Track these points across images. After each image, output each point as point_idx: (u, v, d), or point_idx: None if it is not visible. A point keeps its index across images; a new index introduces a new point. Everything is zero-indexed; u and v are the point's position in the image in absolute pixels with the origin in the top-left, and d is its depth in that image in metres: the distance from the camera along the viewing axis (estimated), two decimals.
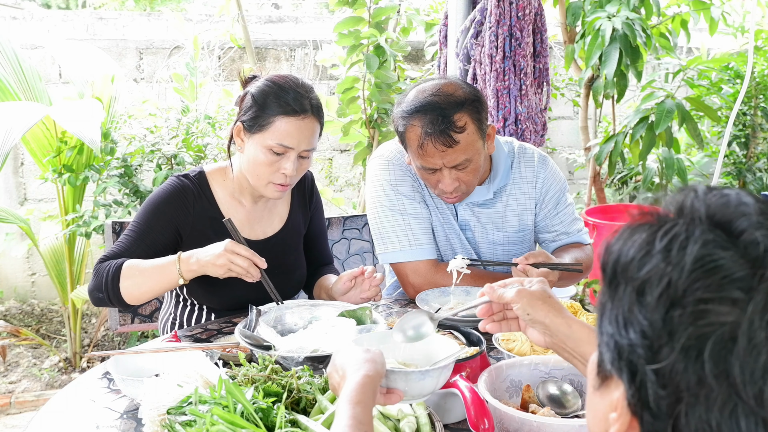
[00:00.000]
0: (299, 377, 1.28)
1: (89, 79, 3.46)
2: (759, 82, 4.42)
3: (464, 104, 1.82)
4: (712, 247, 0.61)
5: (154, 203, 1.87)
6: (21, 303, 4.14)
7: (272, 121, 1.75)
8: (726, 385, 0.58)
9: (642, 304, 0.62)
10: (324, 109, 1.87)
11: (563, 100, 4.69)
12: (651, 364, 0.61)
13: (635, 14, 3.15)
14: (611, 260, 0.67)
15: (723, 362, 0.58)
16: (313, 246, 2.10)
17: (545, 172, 2.09)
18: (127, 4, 6.10)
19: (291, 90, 1.77)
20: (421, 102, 1.84)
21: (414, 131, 1.84)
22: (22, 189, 4.08)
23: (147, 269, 1.73)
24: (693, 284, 0.60)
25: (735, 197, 0.64)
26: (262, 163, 1.78)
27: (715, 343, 0.58)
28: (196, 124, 3.43)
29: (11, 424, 3.13)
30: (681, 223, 0.64)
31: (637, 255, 0.64)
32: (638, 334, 0.62)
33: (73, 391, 1.47)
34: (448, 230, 2.08)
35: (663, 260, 0.62)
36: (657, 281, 0.61)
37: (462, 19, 3.05)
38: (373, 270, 1.83)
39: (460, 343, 1.46)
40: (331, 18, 4.15)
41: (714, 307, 0.59)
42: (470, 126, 1.83)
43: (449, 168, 1.85)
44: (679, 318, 0.59)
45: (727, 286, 0.59)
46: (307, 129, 1.78)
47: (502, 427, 1.20)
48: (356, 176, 4.32)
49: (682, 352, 0.59)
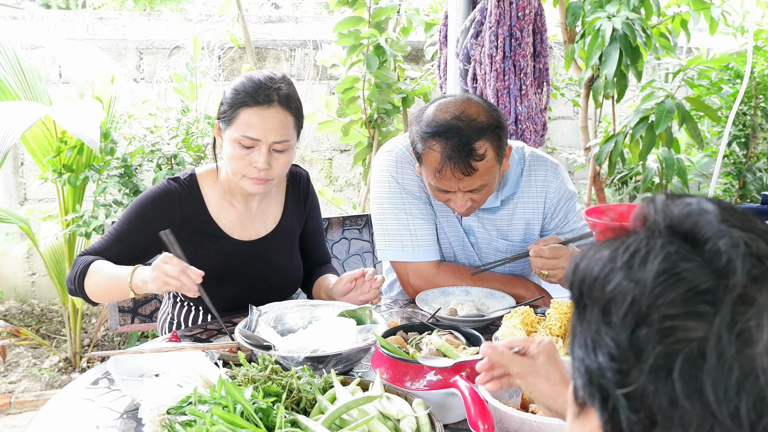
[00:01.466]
0: (299, 377, 1.28)
1: (89, 79, 3.46)
2: (759, 82, 4.42)
3: (486, 131, 1.77)
4: (674, 259, 0.57)
5: (139, 205, 1.87)
6: (21, 303, 4.14)
7: (238, 113, 1.75)
8: (699, 405, 0.54)
9: (608, 325, 0.58)
10: (324, 109, 1.87)
11: (563, 100, 4.69)
12: (621, 388, 0.57)
13: (635, 14, 3.15)
14: (577, 280, 0.63)
15: (694, 381, 0.54)
16: (309, 245, 2.09)
17: (557, 181, 2.05)
18: (127, 4, 6.10)
19: (258, 82, 1.76)
20: (442, 124, 1.78)
21: (433, 155, 1.79)
22: (22, 189, 4.08)
23: (105, 276, 1.75)
24: (657, 300, 0.56)
25: (696, 205, 0.61)
26: (234, 157, 1.78)
27: (684, 361, 0.54)
28: (196, 124, 3.43)
29: (11, 424, 3.12)
30: (642, 236, 0.60)
31: (601, 273, 0.60)
32: (606, 357, 0.58)
33: (73, 391, 1.47)
34: (451, 234, 2.06)
35: (625, 277, 0.58)
36: (621, 300, 0.58)
37: (462, 19, 3.05)
38: (373, 272, 1.82)
39: (460, 343, 1.46)
40: (331, 18, 4.15)
41: (680, 323, 0.55)
42: (490, 153, 1.78)
43: (464, 192, 1.83)
44: (646, 337, 0.56)
45: (692, 299, 0.55)
46: (272, 119, 1.75)
47: (502, 427, 1.20)
48: (356, 176, 4.32)
49: (651, 373, 0.55)
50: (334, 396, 1.25)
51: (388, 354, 1.35)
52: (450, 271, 2.01)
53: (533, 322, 1.60)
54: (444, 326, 1.53)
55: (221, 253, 1.88)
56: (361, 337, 1.51)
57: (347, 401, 1.19)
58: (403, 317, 1.90)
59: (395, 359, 1.34)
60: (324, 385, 1.29)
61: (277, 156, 1.79)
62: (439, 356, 1.39)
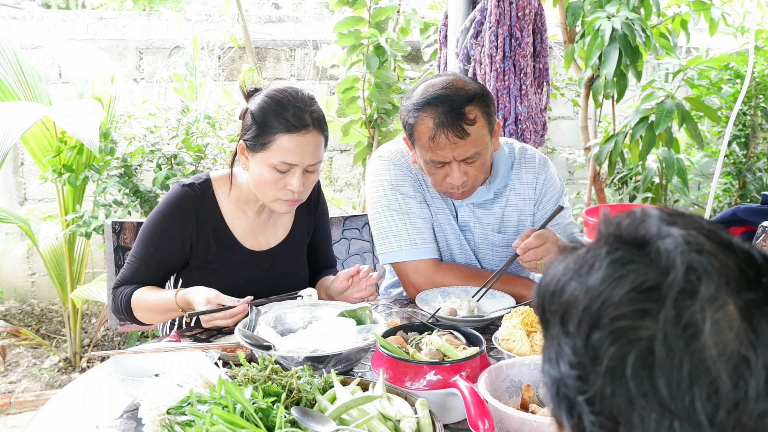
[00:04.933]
0: (299, 377, 1.28)
1: (89, 79, 3.46)
2: (759, 82, 4.42)
3: (474, 98, 1.84)
4: (620, 263, 0.59)
5: (157, 222, 1.85)
6: (21, 303, 4.14)
7: (273, 139, 1.72)
8: (656, 402, 0.54)
9: (567, 335, 0.60)
10: (324, 109, 1.87)
11: (563, 100, 4.69)
12: (582, 395, 0.58)
13: (635, 14, 3.15)
14: (539, 298, 0.65)
15: (647, 379, 0.54)
16: (317, 251, 2.09)
17: (545, 174, 2.09)
18: (126, 4, 6.09)
19: (290, 105, 1.73)
20: (432, 95, 1.85)
21: (425, 123, 1.84)
22: (22, 189, 4.08)
23: (152, 305, 1.81)
24: (605, 303, 0.57)
25: (640, 212, 0.63)
26: (267, 182, 1.75)
27: (635, 360, 0.55)
28: (196, 124, 3.43)
29: (11, 424, 3.12)
30: (591, 247, 0.62)
31: (557, 286, 0.62)
32: (567, 365, 0.59)
33: (73, 391, 1.47)
34: (448, 231, 2.07)
35: (576, 285, 0.60)
36: (574, 308, 0.59)
37: (462, 19, 3.05)
38: (369, 269, 1.83)
39: (460, 343, 1.46)
40: (331, 18, 4.15)
41: (630, 323, 0.56)
42: (480, 120, 1.84)
43: (458, 161, 1.86)
44: (599, 341, 0.57)
45: (637, 298, 0.56)
46: (309, 144, 1.74)
47: (502, 427, 1.20)
48: (356, 176, 4.32)
49: (607, 375, 0.56)
50: (334, 396, 1.25)
51: (388, 354, 1.35)
52: (449, 269, 2.02)
53: (533, 322, 1.60)
54: (444, 326, 1.53)
55: (231, 261, 1.88)
56: (361, 337, 1.51)
57: (347, 401, 1.19)
58: (403, 317, 1.90)
59: (395, 359, 1.34)
60: (324, 385, 1.29)
61: (308, 176, 1.78)
62: (439, 356, 1.39)
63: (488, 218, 2.07)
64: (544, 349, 0.64)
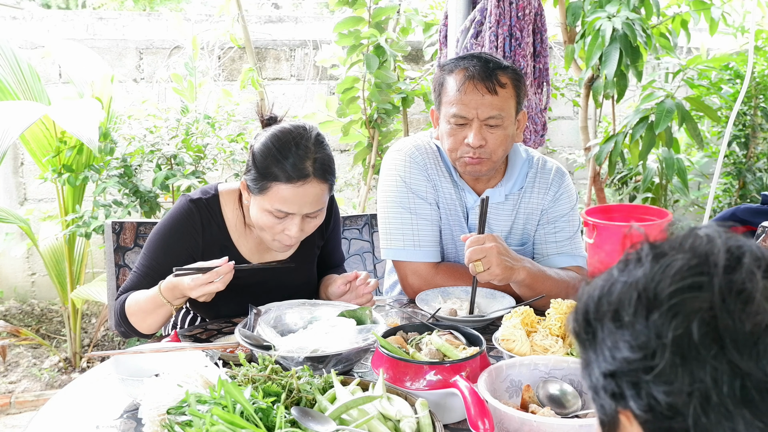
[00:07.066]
0: (299, 377, 1.27)
1: (89, 79, 3.46)
2: (759, 82, 4.42)
3: (509, 68, 1.92)
4: (662, 254, 0.65)
5: (161, 237, 1.83)
6: (21, 303, 4.14)
7: (271, 186, 1.67)
8: (725, 362, 0.59)
9: (623, 326, 0.64)
10: (324, 109, 1.86)
11: (563, 100, 4.69)
12: (650, 373, 0.62)
13: (635, 14, 3.15)
14: (580, 313, 0.69)
15: (714, 341, 0.59)
16: (326, 257, 2.06)
17: (558, 186, 2.07)
18: (127, 4, 6.10)
19: (291, 154, 1.65)
20: (466, 56, 1.95)
21: (456, 77, 1.90)
22: (22, 189, 4.08)
23: (142, 304, 1.75)
24: (659, 285, 0.63)
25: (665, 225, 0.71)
26: (265, 225, 1.72)
27: (699, 325, 0.60)
28: (195, 124, 3.43)
29: (11, 424, 3.13)
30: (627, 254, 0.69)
31: (603, 291, 0.67)
32: (628, 350, 0.63)
33: (73, 391, 1.47)
34: (457, 233, 2.05)
35: (625, 281, 0.66)
36: (627, 299, 0.65)
37: (462, 19, 3.05)
38: (366, 276, 1.81)
39: (460, 343, 1.46)
40: (331, 18, 4.15)
41: (686, 295, 0.62)
42: (510, 88, 1.91)
43: (480, 121, 1.88)
44: (660, 318, 0.62)
45: (688, 273, 0.63)
46: (308, 195, 1.67)
47: (502, 427, 1.20)
48: (356, 176, 4.32)
49: (674, 344, 0.60)
50: (334, 396, 1.25)
51: (388, 354, 1.35)
52: (448, 271, 2.01)
53: (533, 322, 1.60)
54: (444, 326, 1.53)
55: (238, 277, 1.86)
56: (361, 337, 1.51)
57: (347, 401, 1.19)
58: (403, 317, 1.90)
59: (395, 359, 1.34)
60: (324, 385, 1.28)
61: (309, 220, 1.74)
62: (439, 356, 1.39)
63: (497, 223, 2.06)
64: (591, 362, 0.68)
